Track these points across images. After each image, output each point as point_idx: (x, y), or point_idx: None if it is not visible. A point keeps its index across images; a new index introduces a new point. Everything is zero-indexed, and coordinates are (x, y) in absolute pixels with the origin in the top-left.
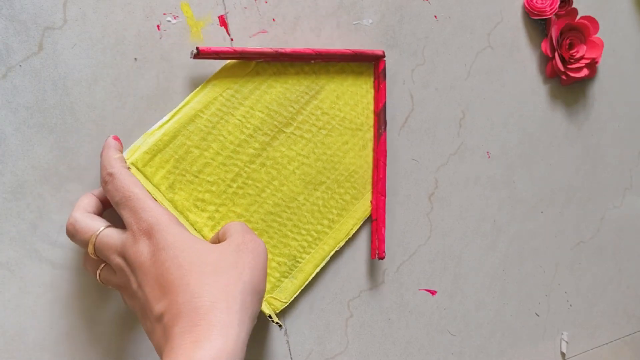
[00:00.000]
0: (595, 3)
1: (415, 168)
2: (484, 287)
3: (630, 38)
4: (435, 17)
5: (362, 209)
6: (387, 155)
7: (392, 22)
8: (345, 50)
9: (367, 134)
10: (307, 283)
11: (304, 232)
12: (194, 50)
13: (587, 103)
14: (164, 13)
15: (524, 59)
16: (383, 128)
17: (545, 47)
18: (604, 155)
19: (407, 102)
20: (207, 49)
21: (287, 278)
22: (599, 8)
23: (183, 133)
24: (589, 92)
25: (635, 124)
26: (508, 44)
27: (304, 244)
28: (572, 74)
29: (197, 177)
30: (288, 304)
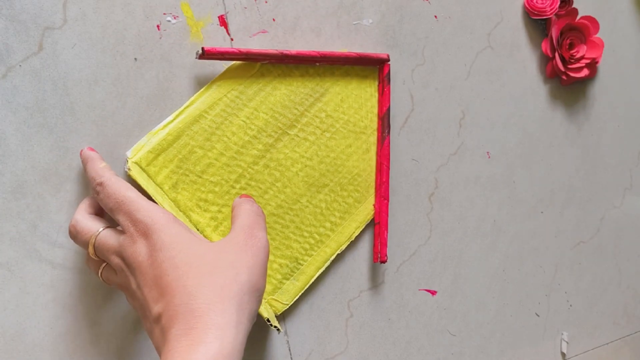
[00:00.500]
0: (596, 3)
1: (415, 168)
2: (484, 287)
3: (631, 38)
4: (436, 17)
5: (364, 212)
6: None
7: (392, 22)
8: (350, 53)
9: (370, 138)
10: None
11: (307, 234)
12: (199, 51)
13: (587, 103)
14: (164, 13)
15: (524, 59)
16: (387, 132)
17: (546, 47)
18: (604, 156)
19: (407, 102)
20: (212, 50)
21: (288, 280)
22: (599, 8)
23: (187, 133)
24: (589, 92)
25: (636, 124)
26: (508, 44)
27: (306, 246)
28: (572, 74)
29: (200, 177)
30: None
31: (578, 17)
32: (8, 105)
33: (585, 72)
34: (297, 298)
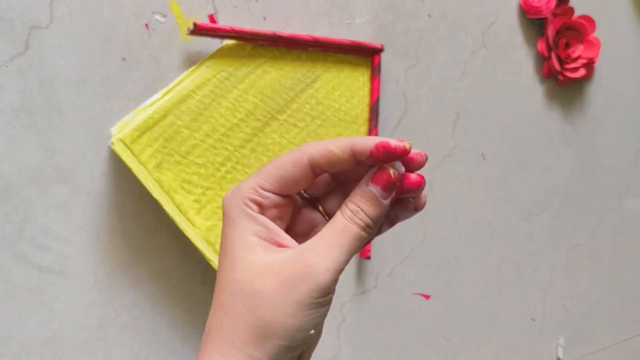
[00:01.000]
0: (592, 2)
1: None
2: (479, 291)
3: (628, 38)
4: (429, 16)
5: None
6: None
7: (385, 21)
8: (344, 40)
9: (361, 128)
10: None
11: None
12: (191, 26)
13: (583, 104)
14: (153, 12)
15: (520, 59)
16: (374, 124)
17: (542, 46)
18: (601, 157)
19: (400, 102)
20: (204, 25)
21: None
22: (596, 7)
23: (174, 112)
24: (586, 92)
25: (633, 126)
26: (503, 44)
27: None
28: (568, 74)
29: (185, 158)
30: None
31: (574, 16)
32: None
33: (582, 72)
34: None
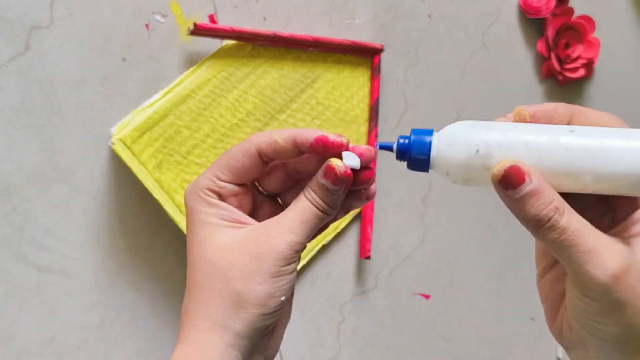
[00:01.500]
0: (592, 2)
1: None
2: (479, 291)
3: (628, 38)
4: (429, 16)
5: None
6: (379, 157)
7: (385, 21)
8: (344, 41)
9: (361, 128)
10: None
11: None
12: (191, 27)
13: (583, 104)
14: (153, 12)
15: (520, 59)
16: (374, 124)
17: (541, 46)
18: None
19: (400, 102)
20: (204, 25)
21: None
22: (596, 7)
23: (174, 112)
24: (586, 92)
25: (633, 125)
26: (503, 44)
27: None
28: (568, 74)
29: (185, 158)
30: None
31: (574, 16)
32: None
33: (582, 72)
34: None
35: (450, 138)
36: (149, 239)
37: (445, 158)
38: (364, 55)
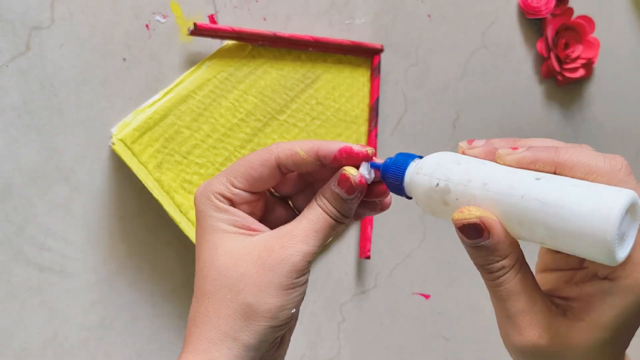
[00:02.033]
0: (592, 2)
1: None
2: (479, 290)
3: (627, 38)
4: (429, 16)
5: None
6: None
7: (385, 21)
8: (344, 41)
9: (361, 128)
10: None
11: None
12: (191, 27)
13: (583, 104)
14: (153, 12)
15: (519, 59)
16: (373, 124)
17: (541, 47)
18: None
19: (400, 102)
20: (204, 25)
21: None
22: (595, 7)
23: (174, 112)
24: (585, 92)
25: (632, 125)
26: (503, 44)
27: None
28: (568, 75)
29: (185, 158)
30: None
31: (574, 16)
32: None
33: (581, 72)
34: None
35: (419, 167)
36: (149, 239)
37: (412, 187)
38: (364, 56)
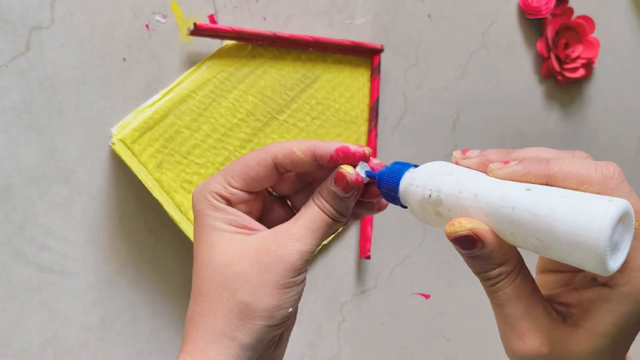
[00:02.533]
0: (592, 2)
1: None
2: (479, 290)
3: (627, 38)
4: (429, 16)
5: None
6: (378, 156)
7: (385, 21)
8: (344, 41)
9: (361, 128)
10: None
11: None
12: (191, 27)
13: (583, 104)
14: (153, 12)
15: (519, 59)
16: (373, 124)
17: (541, 46)
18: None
19: (400, 102)
20: (204, 25)
21: None
22: (595, 7)
23: (174, 112)
24: (585, 92)
25: (632, 125)
26: (503, 44)
27: None
28: (568, 74)
29: (185, 158)
30: None
31: (574, 16)
32: None
33: (581, 72)
34: None
35: (413, 178)
36: (149, 239)
37: (407, 197)
38: (364, 56)
